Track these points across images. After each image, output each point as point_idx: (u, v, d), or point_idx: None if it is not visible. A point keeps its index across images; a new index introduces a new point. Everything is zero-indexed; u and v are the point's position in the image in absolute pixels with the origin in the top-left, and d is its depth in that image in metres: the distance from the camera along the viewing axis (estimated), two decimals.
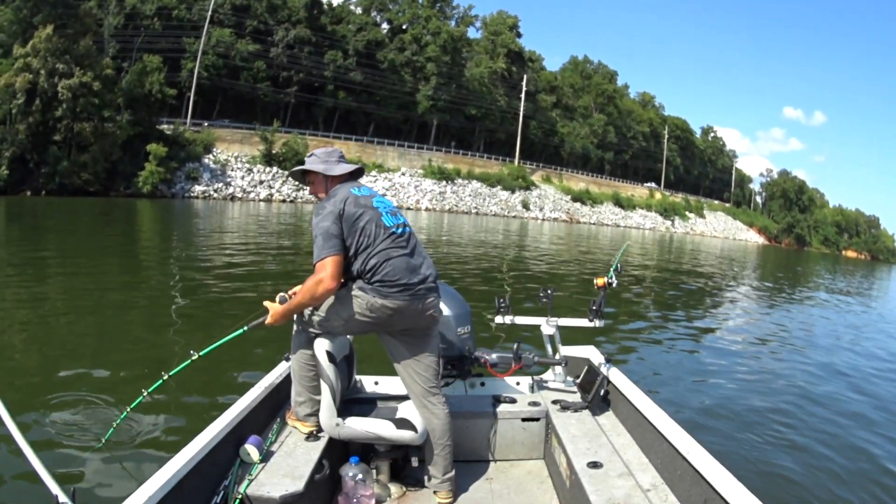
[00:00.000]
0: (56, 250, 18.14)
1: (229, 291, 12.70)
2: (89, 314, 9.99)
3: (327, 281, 3.16)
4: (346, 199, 3.31)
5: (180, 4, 71.77)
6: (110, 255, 17.76)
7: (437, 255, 22.94)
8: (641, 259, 32.33)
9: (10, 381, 6.41)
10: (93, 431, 5.11)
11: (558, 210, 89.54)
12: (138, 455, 4.90)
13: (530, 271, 21.40)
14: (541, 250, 32.56)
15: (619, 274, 4.51)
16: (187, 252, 19.79)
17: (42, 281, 12.80)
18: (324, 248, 3.18)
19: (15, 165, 46.18)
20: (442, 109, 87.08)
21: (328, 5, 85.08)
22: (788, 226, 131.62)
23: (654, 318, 13.69)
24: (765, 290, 25.62)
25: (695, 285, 23.00)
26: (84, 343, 8.35)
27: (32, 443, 2.37)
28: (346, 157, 3.70)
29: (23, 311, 9.82)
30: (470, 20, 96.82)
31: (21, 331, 8.71)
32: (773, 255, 70.17)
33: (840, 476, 5.66)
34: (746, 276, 31.72)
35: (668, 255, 43.32)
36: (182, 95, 65.72)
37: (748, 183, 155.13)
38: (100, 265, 15.60)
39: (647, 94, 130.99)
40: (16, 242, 19.98)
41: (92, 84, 48.79)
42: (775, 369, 9.91)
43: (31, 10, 48.81)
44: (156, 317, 10.15)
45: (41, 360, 7.34)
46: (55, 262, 15.91)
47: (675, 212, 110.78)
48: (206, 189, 58.12)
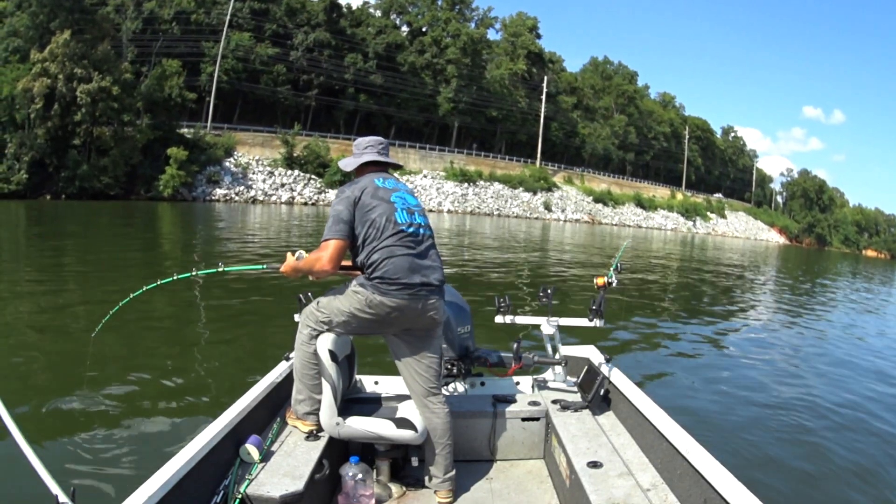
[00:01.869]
0: (75, 251, 18.44)
1: (252, 285, 12.87)
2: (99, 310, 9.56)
3: (324, 262, 3.19)
4: (366, 188, 3.32)
5: (198, 9, 71.13)
6: (132, 251, 18.55)
7: (462, 259, 22.55)
8: (646, 260, 30.90)
9: (10, 381, 6.43)
10: (93, 431, 5.15)
11: (580, 211, 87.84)
12: (138, 455, 4.82)
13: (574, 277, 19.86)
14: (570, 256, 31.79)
15: (619, 273, 4.33)
16: (209, 248, 20.05)
17: (61, 283, 12.82)
18: (330, 230, 3.22)
19: (34, 169, 46.41)
20: (463, 111, 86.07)
21: (347, 8, 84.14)
22: (809, 225, 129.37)
23: (654, 318, 13.32)
24: (777, 289, 24.77)
25: (703, 285, 22.60)
26: (84, 343, 7.84)
27: (32, 443, 2.26)
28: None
29: (30, 309, 10.03)
30: (489, 22, 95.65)
31: (34, 330, 8.76)
32: (792, 254, 68.51)
33: (841, 476, 5.56)
34: (760, 276, 30.72)
35: (687, 255, 42.22)
36: (202, 99, 65.46)
37: (769, 183, 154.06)
38: (120, 263, 16.07)
39: (668, 94, 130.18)
40: (44, 241, 20.63)
41: (111, 88, 48.79)
42: (778, 370, 9.77)
43: (47, 16, 48.60)
44: (166, 318, 10.03)
45: (45, 361, 7.29)
46: (75, 261, 16.16)
47: (697, 212, 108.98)
48: (228, 192, 57.81)
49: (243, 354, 7.78)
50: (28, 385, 6.38)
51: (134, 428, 5.33)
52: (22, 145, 45.96)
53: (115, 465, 4.64)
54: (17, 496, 4.05)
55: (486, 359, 4.19)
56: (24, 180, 45.20)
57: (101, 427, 5.21)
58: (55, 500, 2.10)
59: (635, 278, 20.44)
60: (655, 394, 3.91)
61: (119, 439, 5.03)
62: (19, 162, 45.70)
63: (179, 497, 2.50)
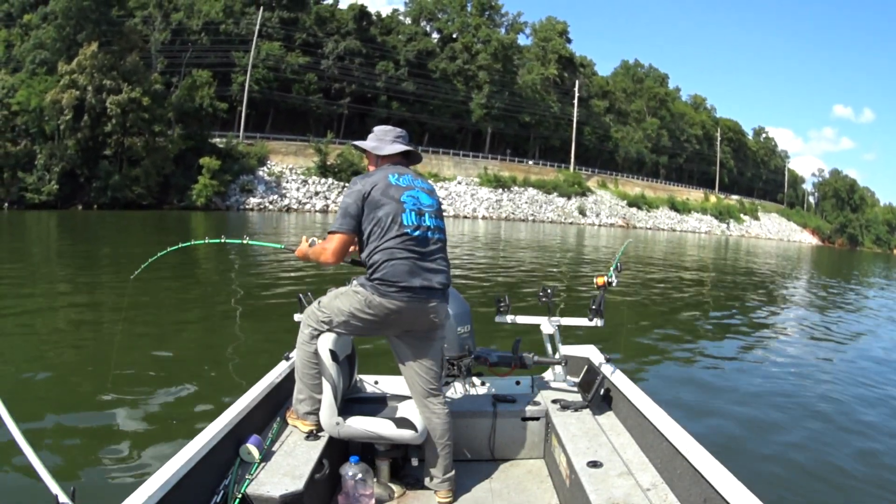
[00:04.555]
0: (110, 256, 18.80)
1: (253, 285, 12.82)
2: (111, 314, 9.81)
3: (328, 254, 3.22)
4: (377, 183, 3.21)
5: (227, 19, 69.96)
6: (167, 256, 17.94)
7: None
8: (670, 265, 29.15)
9: (10, 381, 6.39)
10: (93, 431, 5.21)
11: (614, 216, 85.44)
12: (138, 454, 4.78)
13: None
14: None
15: (619, 273, 4.28)
16: (244, 260, 19.41)
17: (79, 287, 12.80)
18: (336, 223, 3.20)
19: (65, 180, 46.34)
20: (496, 117, 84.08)
21: (377, 16, 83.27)
22: (841, 226, 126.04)
23: (655, 317, 13.29)
24: (796, 291, 23.51)
25: (720, 286, 21.69)
26: (93, 344, 8.24)
27: (32, 442, 2.20)
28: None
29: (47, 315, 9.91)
30: (519, 27, 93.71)
31: (38, 332, 8.75)
32: (825, 256, 66.35)
33: (842, 476, 5.39)
34: (783, 277, 29.29)
35: (718, 261, 40.99)
36: (234, 109, 64.92)
37: (801, 183, 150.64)
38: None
39: (699, 96, 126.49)
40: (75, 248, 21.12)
41: (141, 99, 48.44)
42: (780, 370, 9.42)
43: (73, 28, 48.30)
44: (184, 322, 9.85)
45: (47, 362, 7.26)
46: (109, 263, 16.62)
47: (730, 215, 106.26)
48: (261, 201, 57.08)
49: (243, 354, 7.85)
50: (28, 385, 6.32)
51: (134, 427, 5.28)
52: (52, 156, 45.65)
53: (115, 465, 4.56)
54: (17, 496, 3.97)
55: (486, 358, 4.12)
56: (54, 191, 45.01)
57: (101, 427, 5.22)
58: (55, 500, 2.06)
59: (648, 279, 20.04)
60: (655, 393, 3.79)
61: (119, 439, 4.99)
62: (49, 172, 45.44)
63: (179, 497, 2.46)
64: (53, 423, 5.26)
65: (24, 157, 45.21)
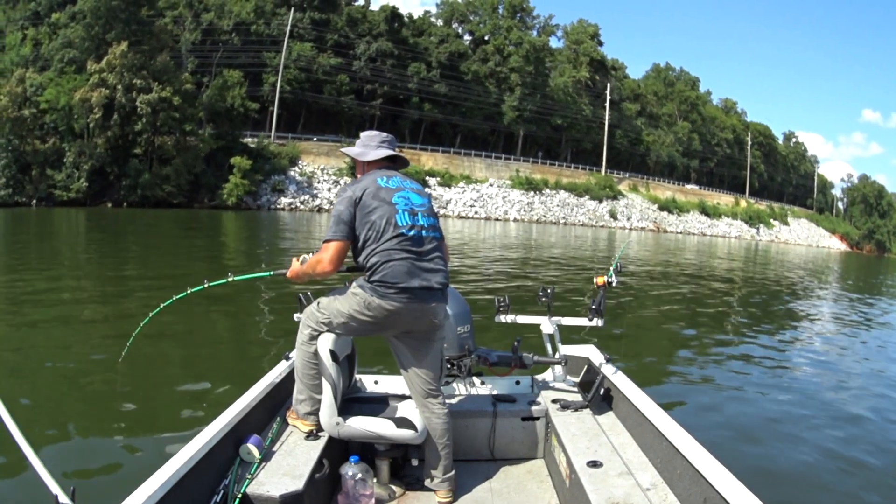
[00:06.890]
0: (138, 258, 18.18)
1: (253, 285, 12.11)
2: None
3: (325, 263, 3.10)
4: (367, 188, 3.13)
5: (258, 20, 68.56)
6: (198, 261, 17.75)
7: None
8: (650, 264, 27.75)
9: (10, 381, 6.19)
10: (93, 431, 5.09)
11: (645, 220, 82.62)
12: (138, 454, 4.67)
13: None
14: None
15: (618, 273, 4.20)
16: (275, 251, 19.22)
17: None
18: (330, 231, 3.11)
19: (94, 178, 45.72)
20: (528, 120, 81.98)
21: (409, 18, 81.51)
22: (869, 232, 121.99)
23: (656, 318, 12.89)
24: (807, 296, 21.76)
25: (723, 289, 20.26)
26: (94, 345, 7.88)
27: (32, 442, 2.16)
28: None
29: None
30: (551, 30, 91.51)
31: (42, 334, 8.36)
32: (853, 263, 62.76)
33: (842, 476, 5.20)
34: (798, 282, 27.25)
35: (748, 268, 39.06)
36: (265, 109, 63.68)
37: (830, 189, 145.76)
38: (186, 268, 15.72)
39: (730, 100, 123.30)
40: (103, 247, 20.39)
41: (171, 99, 47.40)
42: (781, 370, 9.10)
43: (102, 28, 47.37)
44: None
45: (46, 362, 6.99)
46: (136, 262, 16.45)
47: (760, 219, 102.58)
48: (293, 201, 56.26)
49: (243, 354, 7.76)
50: (28, 385, 6.10)
51: (134, 427, 5.13)
52: (81, 154, 44.82)
53: (115, 465, 4.46)
54: (17, 496, 3.88)
55: (486, 358, 3.95)
56: (83, 188, 44.44)
57: (101, 427, 5.10)
58: (55, 500, 2.02)
59: (646, 282, 19.41)
60: (655, 393, 3.72)
61: (119, 439, 4.87)
62: (78, 170, 44.72)
63: (179, 496, 2.42)
64: (53, 423, 5.12)
65: (52, 155, 44.44)
